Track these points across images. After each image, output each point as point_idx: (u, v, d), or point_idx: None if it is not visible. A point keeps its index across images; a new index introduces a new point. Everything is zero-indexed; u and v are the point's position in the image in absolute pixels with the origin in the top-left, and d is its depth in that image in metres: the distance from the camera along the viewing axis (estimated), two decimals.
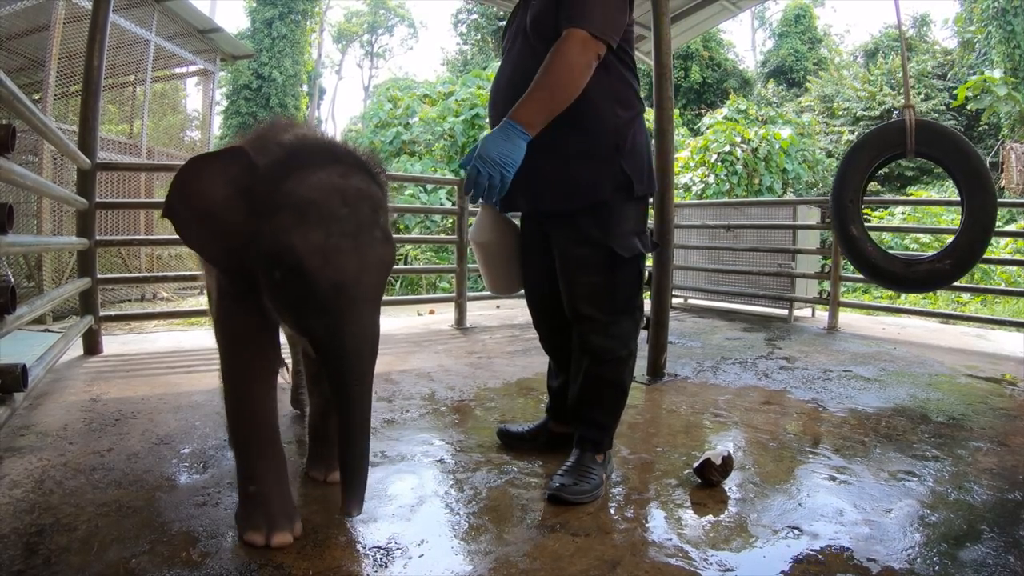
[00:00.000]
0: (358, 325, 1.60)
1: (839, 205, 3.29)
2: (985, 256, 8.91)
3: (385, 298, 8.61)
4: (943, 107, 17.34)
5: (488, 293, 8.93)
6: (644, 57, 5.96)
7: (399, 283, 10.01)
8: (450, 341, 5.11)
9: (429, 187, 11.58)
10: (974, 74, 14.95)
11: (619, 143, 2.14)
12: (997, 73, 14.05)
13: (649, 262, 3.91)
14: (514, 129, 1.97)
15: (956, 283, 8.64)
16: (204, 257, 1.85)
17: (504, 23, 2.51)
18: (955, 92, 15.04)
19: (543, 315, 2.51)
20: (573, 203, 2.15)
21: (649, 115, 5.89)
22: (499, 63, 2.39)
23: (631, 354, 2.32)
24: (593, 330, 2.24)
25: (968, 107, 14.93)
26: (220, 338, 2.00)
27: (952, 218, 9.78)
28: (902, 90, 17.03)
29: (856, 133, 16.80)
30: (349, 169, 1.70)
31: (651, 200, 2.71)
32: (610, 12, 2.02)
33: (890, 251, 3.33)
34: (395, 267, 11.24)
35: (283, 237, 1.58)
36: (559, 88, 1.98)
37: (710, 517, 2.07)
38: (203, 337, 4.99)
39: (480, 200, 2.09)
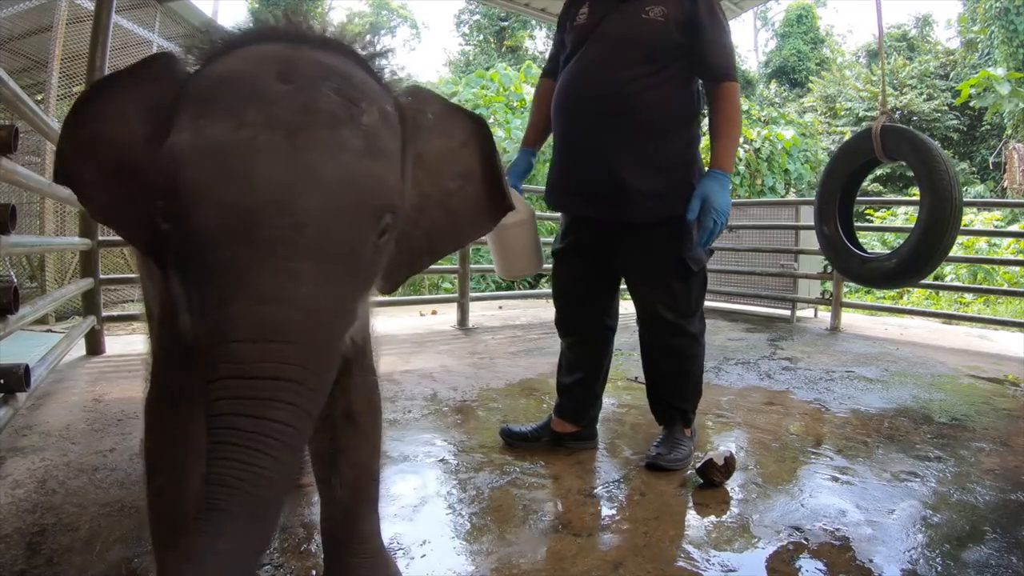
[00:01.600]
0: (273, 308, 0.86)
1: (817, 207, 3.55)
2: (988, 257, 8.93)
3: (387, 298, 8.49)
4: (946, 107, 17.30)
5: (490, 293, 8.89)
6: None
7: None
8: (452, 341, 5.11)
9: None
10: (976, 74, 14.91)
11: (691, 158, 2.35)
12: (1000, 72, 14.02)
13: None
14: (727, 179, 2.26)
15: (959, 283, 8.66)
16: (126, 236, 1.17)
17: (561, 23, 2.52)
18: (958, 91, 15.01)
19: (573, 309, 2.58)
20: (653, 215, 2.29)
21: None
22: (571, 59, 2.39)
23: (703, 347, 2.55)
24: (670, 332, 2.43)
25: (972, 104, 14.88)
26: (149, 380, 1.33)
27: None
28: (905, 90, 17.03)
29: None
30: (310, 44, 1.08)
31: None
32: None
33: (855, 249, 3.45)
34: None
35: (168, 145, 0.95)
36: (738, 133, 2.34)
37: (712, 518, 2.07)
38: None
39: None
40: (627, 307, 2.58)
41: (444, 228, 1.30)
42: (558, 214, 2.65)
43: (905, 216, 10.64)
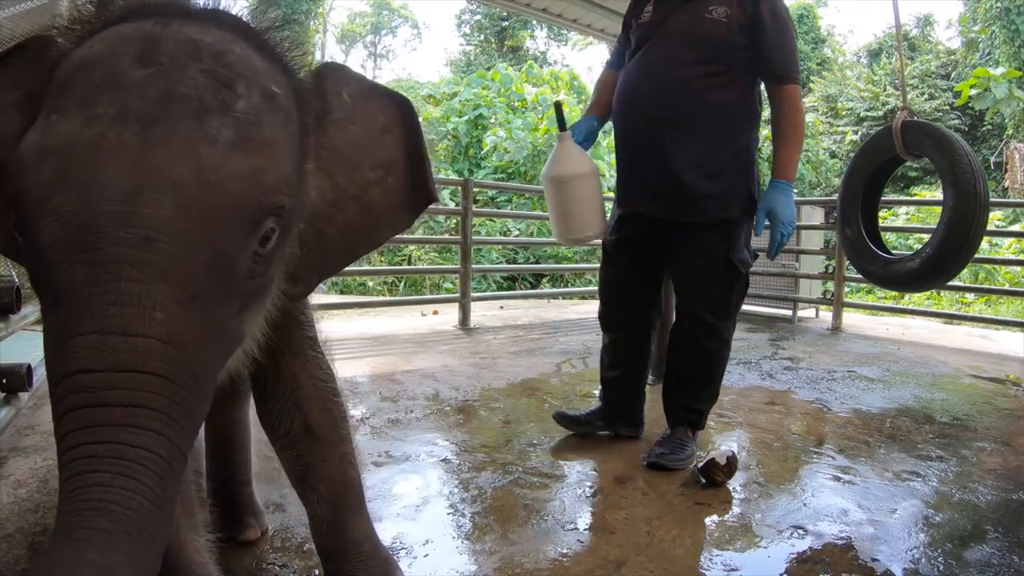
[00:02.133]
0: (120, 340, 0.75)
1: (840, 208, 3.46)
2: (989, 256, 8.94)
3: (389, 298, 8.45)
4: (947, 107, 17.29)
5: (492, 293, 8.85)
6: None
7: (403, 283, 10.01)
8: (454, 341, 5.10)
9: None
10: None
11: (749, 162, 2.38)
12: (999, 71, 13.99)
13: None
14: (790, 188, 2.28)
15: (960, 283, 8.66)
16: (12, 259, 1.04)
17: (627, 25, 2.53)
18: (958, 92, 15.00)
19: (618, 305, 2.61)
20: (709, 216, 2.31)
21: None
22: (634, 56, 2.41)
23: (729, 353, 2.56)
24: (708, 335, 2.44)
25: (971, 106, 14.88)
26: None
27: None
28: (906, 90, 16.99)
29: (860, 133, 16.78)
30: (183, 18, 0.94)
31: None
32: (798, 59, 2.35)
33: (878, 250, 3.31)
34: (399, 267, 10.85)
35: (19, 146, 0.83)
36: (801, 138, 2.34)
37: (715, 517, 2.07)
38: None
39: (559, 131, 2.39)
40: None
41: (360, 225, 1.17)
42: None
43: (906, 216, 10.65)
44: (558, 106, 2.52)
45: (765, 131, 3.36)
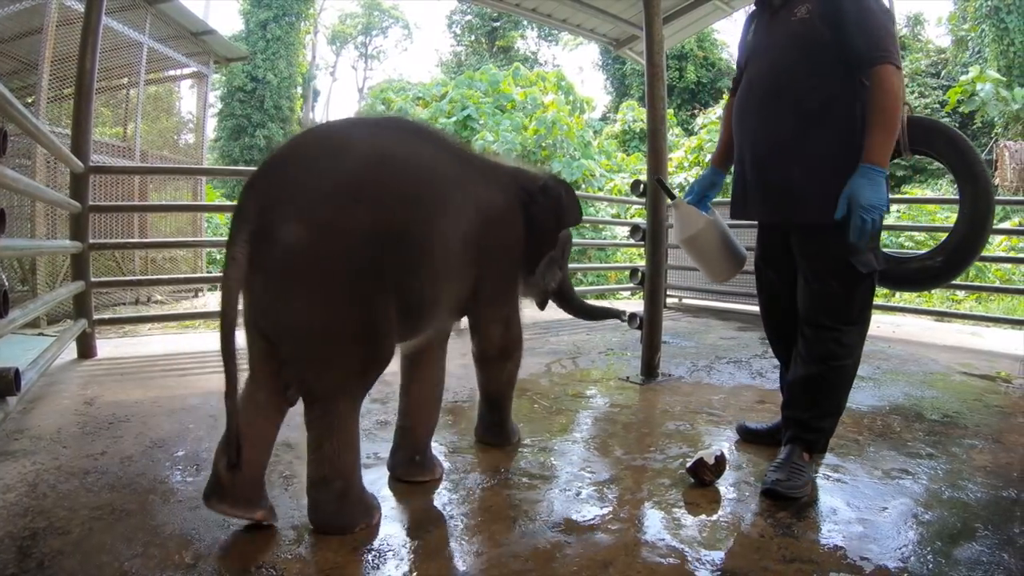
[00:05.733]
0: None
1: None
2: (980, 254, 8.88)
3: None
4: (937, 105, 17.37)
5: None
6: (637, 57, 5.97)
7: None
8: None
9: None
10: (967, 72, 14.96)
11: (858, 160, 2.21)
12: (990, 72, 14.06)
13: (644, 261, 3.91)
14: (877, 172, 2.12)
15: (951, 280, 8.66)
16: None
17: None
18: (947, 98, 15.07)
19: (778, 321, 2.61)
20: (825, 217, 2.19)
21: (642, 115, 5.82)
22: (749, 64, 2.46)
23: (855, 363, 2.39)
24: (825, 338, 2.32)
25: (960, 110, 14.95)
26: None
27: (946, 216, 9.76)
28: None
29: None
30: None
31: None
32: (896, 42, 2.21)
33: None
34: None
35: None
36: (891, 122, 2.15)
37: (703, 517, 2.08)
38: (197, 340, 4.98)
39: (669, 201, 2.51)
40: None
41: None
42: None
43: (897, 214, 10.68)
44: (660, 183, 2.89)
45: None
